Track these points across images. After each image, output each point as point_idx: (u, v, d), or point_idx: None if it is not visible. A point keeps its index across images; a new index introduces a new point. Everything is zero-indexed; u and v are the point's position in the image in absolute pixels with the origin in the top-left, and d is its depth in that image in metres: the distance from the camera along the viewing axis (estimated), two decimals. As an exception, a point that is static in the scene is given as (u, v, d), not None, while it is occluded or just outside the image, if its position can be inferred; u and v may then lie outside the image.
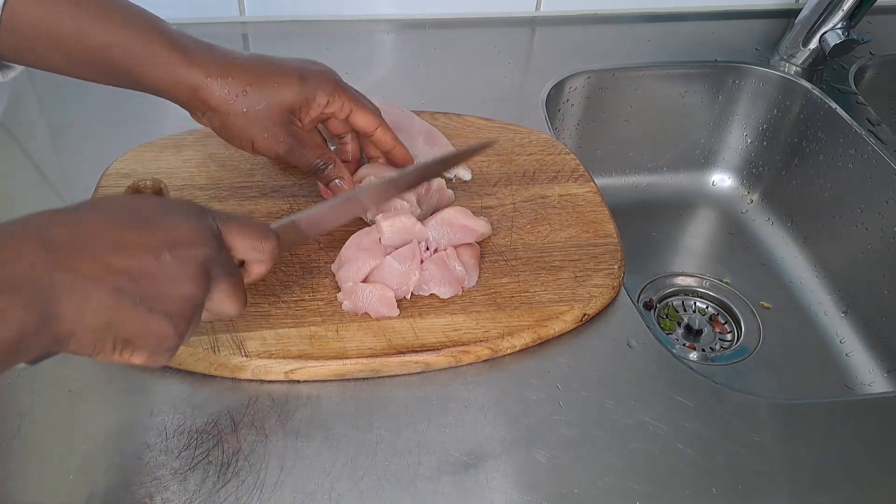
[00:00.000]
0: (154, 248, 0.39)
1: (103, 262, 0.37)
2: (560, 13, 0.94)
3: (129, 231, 0.39)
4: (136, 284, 0.38)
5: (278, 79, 0.56)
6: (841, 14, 0.83)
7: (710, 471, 0.50)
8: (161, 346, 0.40)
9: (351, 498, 0.47)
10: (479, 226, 0.60)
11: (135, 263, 0.38)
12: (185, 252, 0.40)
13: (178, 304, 0.40)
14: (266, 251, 0.46)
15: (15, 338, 0.34)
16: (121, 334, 0.38)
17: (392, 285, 0.56)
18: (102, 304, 0.37)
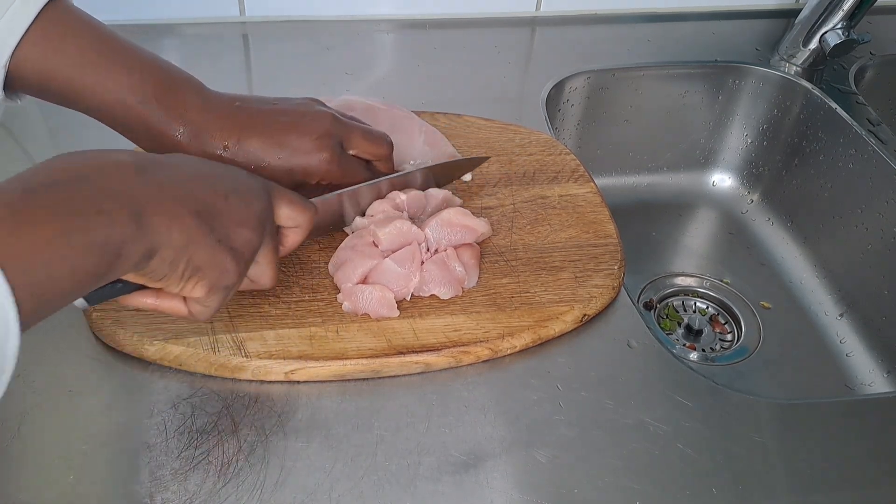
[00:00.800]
0: (223, 190, 0.44)
1: (184, 190, 0.42)
2: (560, 13, 0.94)
3: (202, 170, 0.44)
4: (210, 215, 0.42)
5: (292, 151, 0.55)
6: (841, 14, 0.83)
7: (710, 471, 0.50)
8: (220, 280, 0.44)
9: (351, 498, 0.47)
10: (478, 226, 0.60)
11: (209, 197, 0.43)
12: (247, 198, 0.45)
13: (240, 242, 0.44)
14: (300, 221, 0.50)
15: (119, 239, 0.37)
16: (194, 259, 0.42)
17: (392, 287, 0.56)
18: (185, 224, 0.41)
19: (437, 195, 0.63)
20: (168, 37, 0.86)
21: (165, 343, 0.53)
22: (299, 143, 0.55)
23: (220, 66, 0.83)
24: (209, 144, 0.53)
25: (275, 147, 0.54)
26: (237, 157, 0.54)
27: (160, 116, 0.52)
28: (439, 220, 0.59)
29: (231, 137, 0.53)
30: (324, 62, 0.85)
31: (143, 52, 0.53)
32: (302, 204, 0.49)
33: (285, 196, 0.49)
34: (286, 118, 0.55)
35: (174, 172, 0.42)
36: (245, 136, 0.54)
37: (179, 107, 0.52)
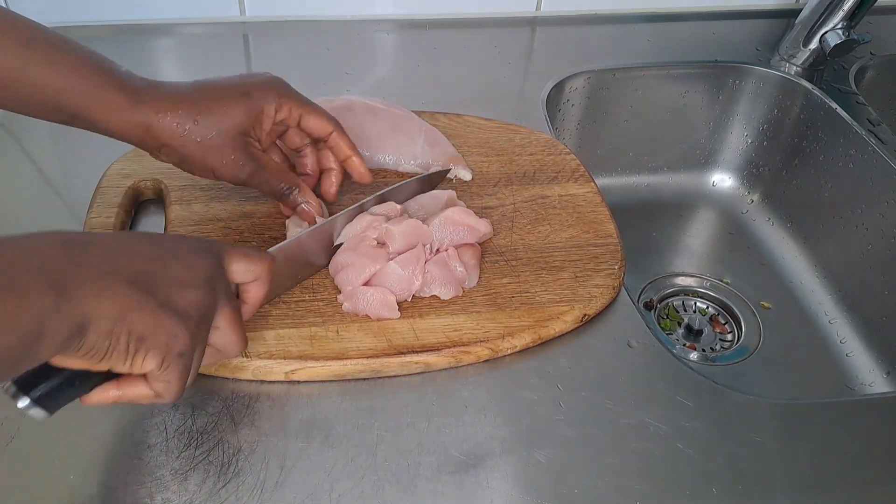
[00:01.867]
0: (163, 256, 0.42)
1: (119, 259, 0.40)
2: (560, 13, 0.94)
3: (140, 242, 0.42)
4: (148, 282, 0.40)
5: (224, 101, 0.54)
6: (841, 14, 0.83)
7: (710, 471, 0.50)
8: (171, 347, 0.41)
9: (351, 498, 0.47)
10: (480, 225, 0.60)
11: (147, 266, 0.41)
12: (192, 262, 0.43)
13: (186, 304, 0.41)
14: (261, 270, 0.47)
15: (35, 315, 0.34)
16: (135, 328, 0.39)
17: (394, 290, 0.56)
18: (117, 291, 0.38)
19: (441, 196, 0.63)
20: (168, 37, 0.86)
21: (165, 343, 0.53)
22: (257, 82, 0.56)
23: (220, 66, 0.83)
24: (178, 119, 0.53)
25: (235, 99, 0.54)
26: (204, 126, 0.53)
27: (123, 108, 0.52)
28: (442, 218, 0.59)
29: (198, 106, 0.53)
30: (324, 62, 0.85)
31: (80, 47, 0.52)
32: (256, 255, 0.47)
33: (237, 252, 0.46)
34: (235, 79, 0.56)
35: (107, 246, 0.40)
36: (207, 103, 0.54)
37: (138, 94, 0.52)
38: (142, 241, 0.43)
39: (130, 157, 0.67)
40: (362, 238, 0.58)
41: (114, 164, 0.66)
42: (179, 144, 0.54)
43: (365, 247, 0.58)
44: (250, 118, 0.55)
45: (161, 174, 0.65)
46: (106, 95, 0.51)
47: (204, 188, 0.65)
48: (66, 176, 0.69)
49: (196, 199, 0.64)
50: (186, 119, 0.53)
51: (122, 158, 0.67)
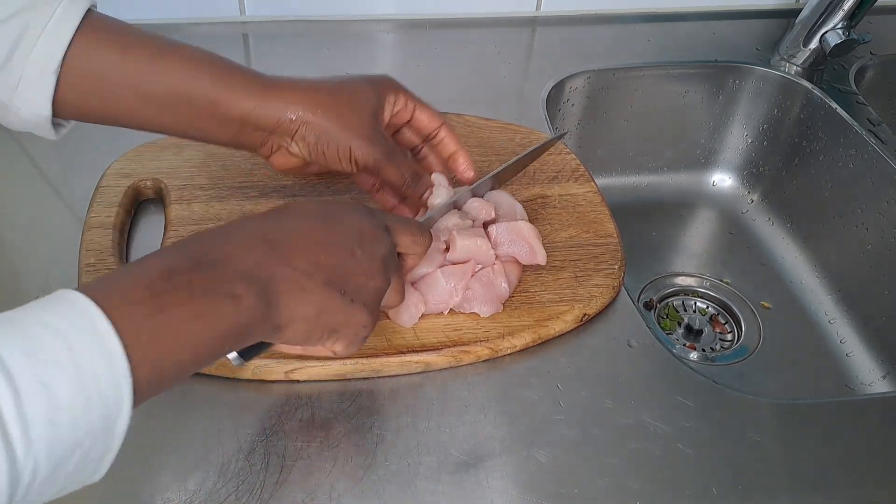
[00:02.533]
0: (349, 246, 0.44)
1: (314, 259, 0.42)
2: (560, 13, 0.94)
3: (323, 231, 0.44)
4: (341, 280, 0.43)
5: (353, 84, 0.56)
6: (841, 14, 0.83)
7: (710, 471, 0.50)
8: (359, 333, 0.45)
9: (351, 498, 0.47)
10: (539, 252, 0.59)
11: (337, 260, 0.43)
12: (371, 248, 0.45)
13: (371, 294, 0.45)
14: (423, 244, 0.50)
15: (246, 321, 0.38)
16: (329, 323, 0.43)
17: (433, 299, 0.56)
18: (316, 297, 0.42)
19: (518, 208, 0.63)
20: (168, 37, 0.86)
21: (165, 343, 0.53)
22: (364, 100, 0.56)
23: (221, 66, 0.83)
24: (281, 113, 0.53)
25: (364, 87, 0.56)
26: (304, 123, 0.53)
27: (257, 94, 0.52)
28: (512, 226, 0.59)
29: (299, 105, 0.53)
30: (324, 62, 0.85)
31: (186, 45, 0.53)
32: (419, 231, 0.50)
33: (405, 227, 0.49)
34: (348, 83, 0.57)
35: (299, 241, 0.43)
36: (313, 104, 0.54)
37: (270, 82, 0.53)
38: (328, 229, 0.44)
39: (130, 156, 0.67)
40: (436, 237, 0.58)
41: (114, 164, 0.66)
42: (319, 121, 0.53)
43: (433, 248, 0.57)
44: (380, 102, 0.56)
45: (161, 174, 0.65)
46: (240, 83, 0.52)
47: (204, 187, 0.65)
48: (66, 175, 0.69)
49: (196, 198, 0.64)
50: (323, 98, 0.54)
51: (121, 158, 0.67)
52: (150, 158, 0.67)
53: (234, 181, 0.66)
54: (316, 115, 0.53)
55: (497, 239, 0.59)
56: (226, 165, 0.67)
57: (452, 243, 0.57)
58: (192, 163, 0.67)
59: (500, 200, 0.62)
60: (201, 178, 0.66)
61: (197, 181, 0.65)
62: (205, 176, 0.66)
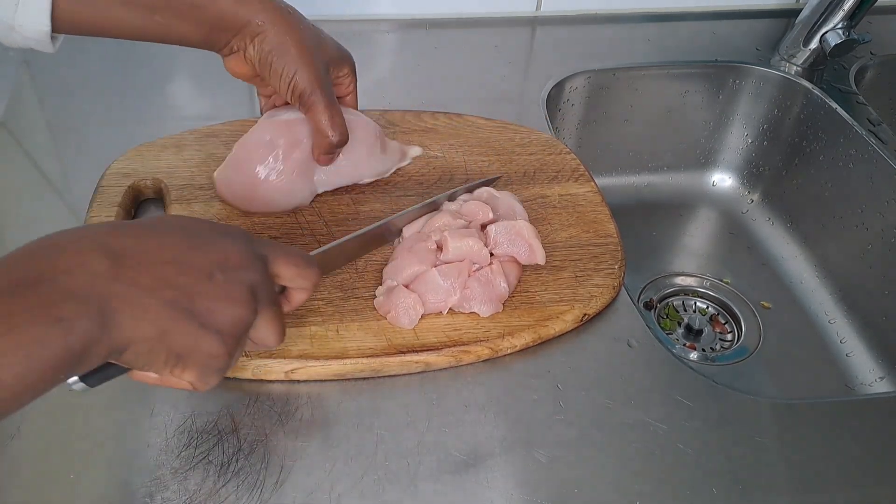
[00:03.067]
0: (207, 269, 0.40)
1: (161, 276, 0.39)
2: (560, 13, 0.94)
3: (185, 250, 0.41)
4: (189, 300, 0.39)
5: (323, 34, 0.62)
6: (841, 14, 0.83)
7: (710, 471, 0.50)
8: (210, 364, 0.41)
9: (351, 498, 0.47)
10: (538, 252, 0.59)
11: (189, 280, 0.40)
12: (236, 274, 0.41)
13: (228, 322, 0.41)
14: (310, 279, 0.47)
15: (80, 345, 0.35)
16: (173, 348, 0.39)
17: (431, 298, 0.56)
18: (158, 316, 0.38)
19: (518, 209, 0.63)
20: None
21: (165, 343, 0.53)
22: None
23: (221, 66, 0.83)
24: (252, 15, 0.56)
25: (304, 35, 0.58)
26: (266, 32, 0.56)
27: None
28: (511, 225, 0.59)
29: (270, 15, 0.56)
30: (324, 62, 0.85)
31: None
32: (305, 263, 0.47)
33: (286, 258, 0.46)
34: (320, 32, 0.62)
35: (153, 256, 0.39)
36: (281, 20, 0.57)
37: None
38: (187, 246, 0.41)
39: (130, 156, 0.67)
40: (426, 237, 0.58)
41: (114, 164, 0.66)
42: (280, 33, 0.56)
43: (421, 247, 0.57)
44: (334, 62, 0.61)
45: (161, 174, 0.65)
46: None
47: (203, 187, 0.65)
48: (67, 176, 0.69)
49: (196, 198, 0.64)
50: (294, 21, 0.58)
51: (121, 158, 0.67)
52: (151, 158, 0.67)
53: (234, 181, 0.66)
54: (278, 28, 0.56)
55: (496, 238, 0.59)
56: (226, 165, 0.67)
57: (445, 244, 0.57)
58: (191, 163, 0.67)
59: (499, 200, 0.63)
60: (201, 178, 0.65)
61: (197, 181, 0.65)
62: (204, 176, 0.66)
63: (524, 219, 0.62)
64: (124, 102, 0.75)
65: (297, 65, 0.57)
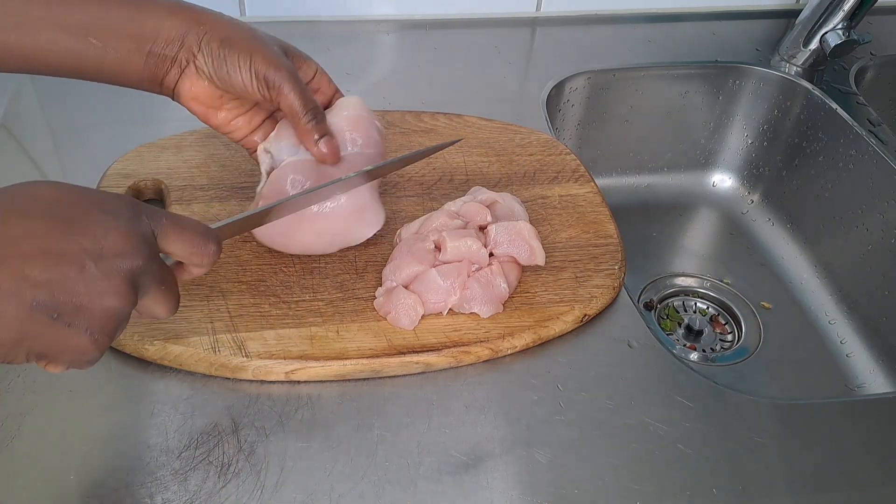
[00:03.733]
0: (78, 258, 0.36)
1: (21, 273, 0.35)
2: (560, 13, 0.94)
3: (53, 236, 0.36)
4: (54, 298, 0.36)
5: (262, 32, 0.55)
6: (841, 14, 0.83)
7: (710, 471, 0.50)
8: (79, 360, 0.39)
9: (351, 498, 0.47)
10: (538, 253, 0.59)
11: (55, 275, 0.36)
12: (112, 263, 0.37)
13: (99, 318, 0.37)
14: (206, 256, 0.43)
15: None
16: (35, 348, 0.37)
17: (430, 299, 0.56)
18: (16, 320, 0.35)
19: (517, 209, 0.62)
20: None
21: (165, 343, 0.53)
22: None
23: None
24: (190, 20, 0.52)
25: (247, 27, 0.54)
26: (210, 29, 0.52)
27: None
28: (511, 226, 0.59)
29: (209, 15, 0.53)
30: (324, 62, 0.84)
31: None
32: (200, 241, 0.42)
33: (179, 235, 0.41)
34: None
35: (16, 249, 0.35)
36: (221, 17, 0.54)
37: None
38: (58, 233, 0.36)
39: (130, 157, 0.67)
40: (424, 237, 0.58)
41: (114, 164, 0.66)
42: (223, 27, 0.52)
43: (419, 247, 0.57)
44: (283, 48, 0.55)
45: (161, 174, 0.65)
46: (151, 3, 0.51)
47: (204, 188, 0.65)
48: (67, 176, 0.69)
49: (196, 198, 0.64)
50: (232, 19, 0.54)
51: (122, 158, 0.67)
52: (151, 159, 0.67)
53: (234, 181, 0.66)
54: (220, 25, 0.53)
55: (496, 239, 0.59)
56: (226, 166, 0.67)
57: (443, 244, 0.57)
58: (192, 163, 0.67)
59: (499, 200, 0.63)
60: (201, 179, 0.66)
61: (197, 181, 0.65)
62: (205, 176, 0.66)
63: (524, 219, 0.62)
64: (124, 102, 0.75)
65: (250, 50, 0.52)
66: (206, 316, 0.55)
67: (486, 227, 0.60)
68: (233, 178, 0.66)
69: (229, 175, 0.66)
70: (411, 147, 0.71)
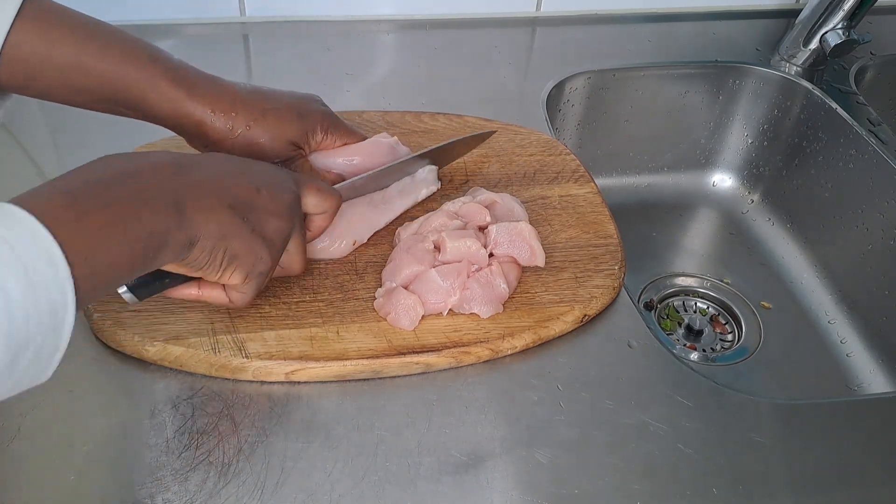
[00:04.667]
0: (255, 184, 0.47)
1: (220, 185, 0.45)
2: (560, 13, 0.94)
3: (234, 169, 0.48)
4: (245, 208, 0.46)
5: (280, 115, 0.57)
6: (841, 14, 0.83)
7: (710, 471, 0.50)
8: (256, 267, 0.47)
9: (351, 498, 0.47)
10: (538, 254, 0.59)
11: (242, 192, 0.46)
12: (278, 191, 0.48)
13: (272, 231, 0.48)
14: (331, 203, 0.53)
15: (163, 228, 0.41)
16: (230, 247, 0.45)
17: (430, 299, 0.56)
18: (221, 217, 0.44)
19: (517, 209, 0.63)
20: (168, 37, 0.86)
21: (166, 344, 0.53)
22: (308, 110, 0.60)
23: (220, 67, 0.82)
24: (232, 121, 0.55)
25: (291, 117, 0.58)
26: (255, 132, 0.56)
27: (180, 100, 0.54)
28: (512, 227, 0.59)
29: (253, 114, 0.56)
30: (324, 62, 0.85)
31: (135, 38, 0.54)
32: (328, 191, 0.53)
33: (312, 185, 0.52)
34: (290, 97, 0.60)
35: (209, 171, 0.46)
36: (263, 113, 0.56)
37: (196, 89, 0.54)
38: (237, 168, 0.48)
39: (131, 157, 0.67)
40: (423, 238, 0.58)
41: (114, 165, 0.66)
42: (228, 147, 0.56)
43: (419, 248, 0.57)
44: (300, 137, 0.59)
45: (161, 174, 0.65)
46: (161, 86, 0.53)
47: (204, 188, 0.65)
48: (67, 176, 0.69)
49: (196, 199, 0.64)
50: (240, 123, 0.56)
51: (122, 159, 0.67)
52: (151, 159, 0.67)
53: (234, 182, 0.66)
54: (226, 142, 0.56)
55: (497, 239, 0.59)
56: (226, 166, 0.67)
57: (443, 245, 0.57)
58: (192, 163, 0.67)
59: (499, 201, 0.63)
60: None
61: (197, 182, 0.65)
62: (205, 176, 0.66)
63: (524, 219, 0.62)
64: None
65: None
66: (207, 317, 0.55)
67: (486, 227, 0.60)
68: (233, 178, 0.66)
69: (229, 175, 0.66)
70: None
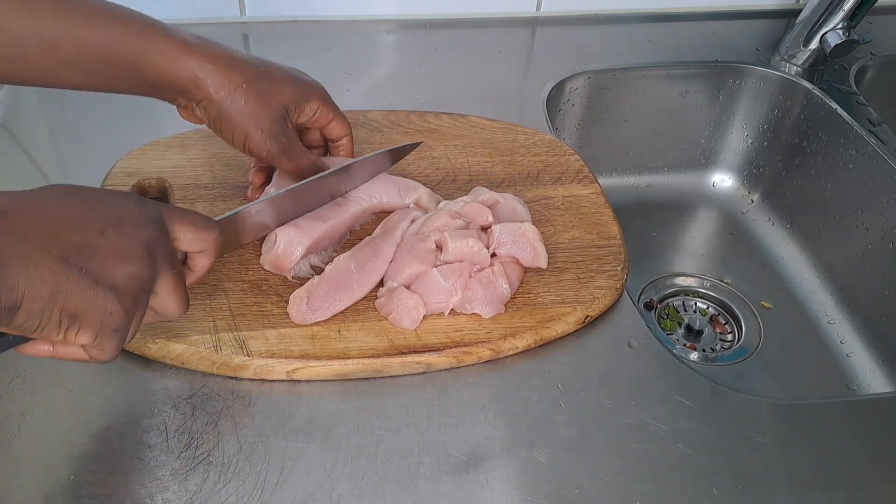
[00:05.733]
0: (99, 224, 0.40)
1: (51, 232, 0.38)
2: (560, 13, 0.94)
3: (74, 207, 0.40)
4: (81, 256, 0.39)
5: (277, 77, 0.56)
6: (842, 14, 0.83)
7: (710, 471, 0.50)
8: (107, 324, 0.40)
9: (351, 498, 0.47)
10: (541, 256, 0.59)
11: (80, 237, 0.39)
12: (129, 230, 0.41)
13: (122, 279, 0.40)
14: (208, 242, 0.46)
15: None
16: (67, 306, 0.38)
17: (432, 299, 0.56)
18: (50, 271, 0.37)
19: (520, 210, 0.63)
20: None
21: (167, 341, 0.53)
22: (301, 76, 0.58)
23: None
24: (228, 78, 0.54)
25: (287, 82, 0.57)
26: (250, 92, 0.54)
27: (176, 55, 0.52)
28: (515, 227, 0.59)
29: (249, 72, 0.54)
30: (324, 62, 0.85)
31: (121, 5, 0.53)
32: (203, 225, 0.46)
33: (184, 220, 0.45)
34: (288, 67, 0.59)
35: (38, 215, 0.39)
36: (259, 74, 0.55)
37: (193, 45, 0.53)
38: (77, 208, 0.41)
39: (135, 155, 0.67)
40: (425, 237, 0.58)
41: (118, 163, 0.66)
42: (222, 100, 0.54)
43: (421, 247, 0.57)
44: (294, 102, 0.57)
45: (165, 173, 0.65)
46: (156, 44, 0.52)
47: (208, 187, 0.65)
48: (69, 176, 0.69)
49: (200, 197, 0.64)
50: (236, 79, 0.54)
51: (126, 157, 0.67)
52: (155, 157, 0.67)
53: (238, 180, 0.66)
54: (220, 95, 0.54)
55: (500, 239, 0.59)
56: (230, 165, 0.67)
57: (444, 245, 0.57)
58: (196, 162, 0.67)
59: (501, 200, 0.63)
60: (205, 178, 0.66)
61: (201, 180, 0.65)
62: (209, 175, 0.66)
63: (527, 220, 0.62)
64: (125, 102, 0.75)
65: (244, 130, 0.55)
66: (208, 314, 0.55)
67: (489, 227, 0.60)
68: (237, 176, 0.66)
69: (233, 174, 0.66)
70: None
